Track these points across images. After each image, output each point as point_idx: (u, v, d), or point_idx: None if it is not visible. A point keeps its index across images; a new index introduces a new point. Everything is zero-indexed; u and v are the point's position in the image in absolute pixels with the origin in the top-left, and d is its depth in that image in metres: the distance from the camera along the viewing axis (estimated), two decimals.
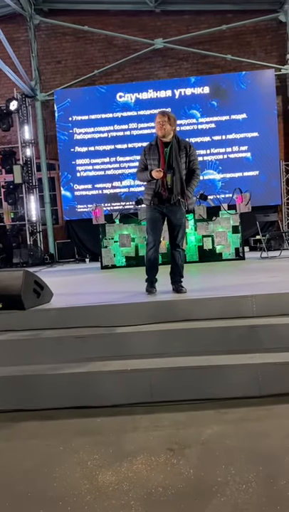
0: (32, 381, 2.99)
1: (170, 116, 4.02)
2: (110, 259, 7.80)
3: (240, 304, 3.51)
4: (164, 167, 3.97)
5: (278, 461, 2.08)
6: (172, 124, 4.03)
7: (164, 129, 4.00)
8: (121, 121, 10.65)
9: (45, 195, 11.23)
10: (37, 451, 2.37)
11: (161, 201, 4.05)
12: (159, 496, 1.87)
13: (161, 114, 4.05)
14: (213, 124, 10.53)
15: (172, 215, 4.06)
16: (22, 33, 11.13)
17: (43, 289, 3.88)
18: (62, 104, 10.77)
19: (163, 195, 4.01)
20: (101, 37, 10.95)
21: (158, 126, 4.04)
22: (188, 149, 4.07)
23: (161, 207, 4.07)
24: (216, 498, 1.83)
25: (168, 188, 4.01)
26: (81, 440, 2.44)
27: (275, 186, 10.52)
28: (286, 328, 3.25)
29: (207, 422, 2.55)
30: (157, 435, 2.43)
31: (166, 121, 3.99)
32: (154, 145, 4.09)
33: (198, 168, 4.14)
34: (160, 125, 4.01)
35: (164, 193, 4.00)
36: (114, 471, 2.10)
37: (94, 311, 3.61)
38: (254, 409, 2.69)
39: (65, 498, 1.92)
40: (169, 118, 4.01)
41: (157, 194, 4.03)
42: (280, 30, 10.66)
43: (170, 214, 4.06)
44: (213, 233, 7.62)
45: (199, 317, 3.46)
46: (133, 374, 2.91)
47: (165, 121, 3.99)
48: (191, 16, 10.79)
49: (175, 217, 4.05)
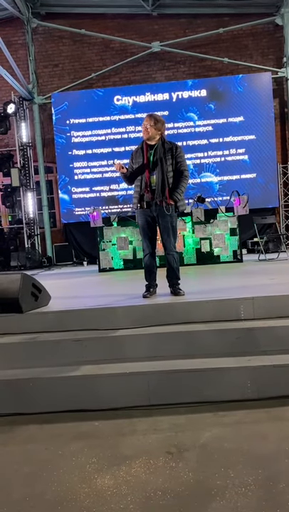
0: (30, 385, 2.98)
1: (157, 120, 4.05)
2: (108, 262, 7.79)
3: (237, 306, 3.51)
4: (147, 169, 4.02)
5: (277, 463, 2.08)
6: (159, 127, 4.04)
7: (149, 132, 4.04)
8: (118, 124, 10.67)
9: (42, 198, 11.22)
10: (35, 455, 2.36)
11: (148, 204, 4.06)
12: (158, 499, 1.87)
13: (148, 117, 4.09)
14: (210, 127, 10.55)
15: (161, 218, 4.07)
16: (19, 37, 11.14)
17: (40, 292, 3.88)
18: (59, 108, 10.78)
19: (146, 196, 4.02)
20: (98, 40, 10.97)
21: (143, 129, 4.09)
22: (175, 151, 4.08)
23: (150, 210, 4.08)
24: (216, 501, 1.82)
25: (151, 190, 4.02)
26: (79, 444, 2.43)
27: (273, 189, 10.55)
28: (284, 330, 3.25)
29: (205, 424, 2.55)
30: (156, 438, 2.42)
31: (151, 124, 4.02)
32: (140, 148, 4.14)
33: (186, 170, 4.13)
34: (145, 128, 4.07)
35: (147, 194, 4.02)
36: (112, 474, 2.09)
37: (92, 314, 3.61)
38: (252, 412, 2.68)
39: (64, 502, 1.91)
40: (156, 121, 4.03)
41: (143, 197, 4.05)
42: (277, 34, 10.70)
43: (159, 216, 4.08)
44: (210, 236, 7.62)
45: (197, 319, 3.46)
46: (131, 377, 2.91)
47: (150, 125, 4.02)
48: (188, 20, 10.82)
49: (164, 219, 4.06)
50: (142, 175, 4.09)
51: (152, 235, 4.19)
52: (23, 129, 10.79)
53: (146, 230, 4.16)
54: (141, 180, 4.09)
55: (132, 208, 4.34)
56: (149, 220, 4.13)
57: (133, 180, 4.18)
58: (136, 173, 4.12)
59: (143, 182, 4.06)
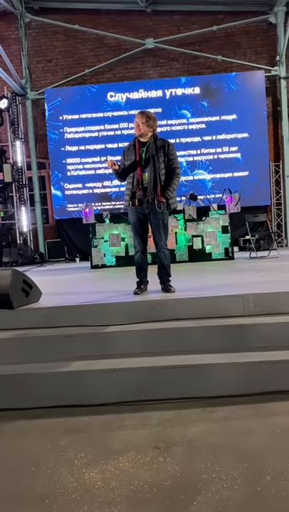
0: (20, 380, 2.98)
1: (149, 117, 4.05)
2: (100, 258, 7.80)
3: (227, 303, 3.55)
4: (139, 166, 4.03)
5: (263, 458, 2.11)
6: (151, 124, 4.05)
7: (141, 129, 4.04)
8: (112, 120, 10.65)
9: (35, 194, 11.18)
10: (24, 450, 2.38)
11: (140, 201, 4.07)
12: (145, 493, 1.89)
13: (140, 114, 4.08)
14: (203, 125, 10.57)
15: (152, 215, 4.08)
16: (12, 31, 11.07)
17: (31, 288, 3.88)
18: (52, 103, 10.74)
19: (138, 193, 4.04)
20: (92, 36, 10.93)
21: (135, 126, 4.09)
22: (167, 148, 4.09)
23: (142, 207, 4.09)
24: (201, 494, 1.85)
25: (143, 187, 4.04)
26: (68, 439, 2.45)
27: (265, 187, 10.60)
28: (273, 327, 3.29)
29: (194, 420, 2.57)
30: (144, 433, 2.44)
31: (143, 122, 4.02)
32: (132, 145, 4.15)
33: (179, 167, 4.14)
34: (137, 125, 4.06)
35: (139, 191, 4.04)
36: (100, 469, 2.11)
37: (82, 311, 3.62)
38: (241, 408, 2.71)
39: (52, 496, 1.93)
40: (148, 118, 4.03)
41: (135, 194, 4.06)
42: (270, 32, 10.74)
43: (150, 214, 4.09)
44: (202, 233, 7.66)
45: (187, 316, 3.49)
46: (121, 373, 2.93)
47: (142, 122, 4.02)
48: (182, 17, 10.82)
49: (155, 216, 4.07)
50: (133, 172, 4.09)
51: (144, 232, 4.21)
52: (15, 124, 10.73)
53: (138, 227, 4.18)
54: (133, 177, 4.10)
55: (124, 205, 4.35)
56: (141, 217, 4.14)
57: (125, 177, 4.19)
58: (128, 169, 4.13)
59: (135, 179, 4.07)
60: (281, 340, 3.17)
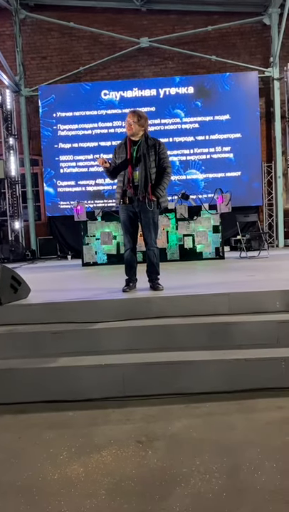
0: (6, 375, 3.01)
1: (141, 116, 4.08)
2: (92, 256, 7.83)
3: (214, 301, 3.59)
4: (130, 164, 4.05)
5: (242, 452, 2.15)
6: (142, 123, 4.08)
7: (132, 128, 4.07)
8: (105, 118, 10.66)
9: (27, 191, 11.17)
10: (8, 444, 2.41)
11: (131, 200, 4.10)
12: (126, 485, 1.93)
13: (131, 113, 4.11)
14: (196, 124, 10.61)
15: (143, 213, 4.11)
16: (7, 28, 11.03)
17: (20, 284, 3.90)
18: (46, 100, 10.73)
19: (129, 192, 4.07)
20: (87, 34, 10.93)
21: (127, 125, 4.11)
22: (158, 147, 4.12)
23: (132, 205, 4.12)
24: (180, 487, 1.89)
25: (134, 186, 4.07)
26: (53, 433, 2.48)
27: (257, 187, 10.67)
28: (259, 325, 3.34)
29: (177, 415, 2.62)
30: (127, 428, 2.48)
31: (135, 121, 4.05)
32: (123, 144, 4.18)
33: (169, 167, 4.17)
34: (128, 124, 4.09)
35: (129, 190, 4.06)
36: (83, 462, 2.15)
37: (70, 307, 3.65)
38: (224, 404, 2.76)
39: (34, 488, 1.96)
40: (140, 118, 4.06)
41: (126, 192, 4.09)
42: (264, 33, 10.80)
43: (141, 212, 4.12)
44: (193, 232, 7.70)
45: (174, 314, 3.53)
46: (106, 369, 2.96)
47: (134, 121, 4.05)
48: (177, 16, 10.85)
49: (145, 215, 4.11)
50: (124, 170, 4.13)
51: (134, 231, 4.24)
52: (9, 120, 10.71)
53: (128, 225, 4.21)
54: (124, 175, 4.13)
55: (115, 203, 4.38)
56: (131, 215, 4.17)
57: (116, 175, 4.22)
58: (118, 168, 4.16)
59: (126, 177, 4.11)
60: (265, 338, 3.22)
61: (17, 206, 10.78)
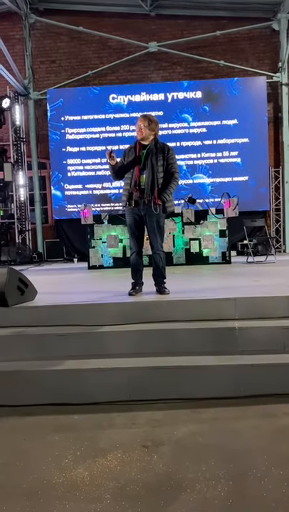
0: (13, 377, 3.02)
1: (151, 120, 4.09)
2: (98, 259, 7.84)
3: (220, 306, 3.58)
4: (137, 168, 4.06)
5: (248, 459, 2.14)
6: (153, 128, 4.08)
7: (142, 132, 4.08)
8: (113, 122, 10.70)
9: (35, 194, 11.22)
10: (14, 446, 2.41)
11: (136, 203, 4.10)
12: (130, 490, 1.92)
13: (142, 117, 4.12)
14: (204, 129, 10.62)
15: (148, 217, 4.11)
16: (17, 32, 11.13)
17: (27, 286, 3.91)
18: (54, 104, 10.79)
19: (135, 195, 4.07)
20: (96, 38, 10.99)
21: (137, 129, 4.13)
22: (167, 152, 4.12)
23: (138, 209, 4.12)
24: (186, 493, 1.88)
25: (140, 189, 4.07)
26: (58, 436, 2.48)
27: (264, 192, 10.64)
28: (265, 331, 3.32)
29: (182, 420, 2.61)
30: (133, 433, 2.48)
31: (145, 125, 4.06)
32: (133, 147, 4.19)
33: (177, 172, 4.17)
34: (138, 128, 4.10)
35: (136, 193, 4.07)
36: (88, 466, 2.14)
37: (77, 310, 3.65)
38: (230, 410, 2.75)
39: (39, 491, 1.96)
40: (150, 122, 4.07)
41: (132, 195, 4.10)
42: (273, 39, 10.80)
43: (146, 216, 4.12)
44: (200, 236, 7.69)
45: (180, 318, 3.52)
46: (112, 372, 2.96)
47: (144, 125, 4.06)
48: (185, 21, 10.88)
49: (151, 219, 4.10)
50: (132, 173, 4.13)
51: (139, 234, 4.24)
52: (17, 124, 10.78)
53: (134, 229, 4.21)
54: (131, 178, 4.14)
55: (121, 206, 4.38)
56: (137, 218, 4.18)
57: (119, 175, 4.23)
58: (124, 168, 4.17)
59: (133, 180, 4.11)
60: (271, 344, 3.20)
61: (24, 209, 10.84)
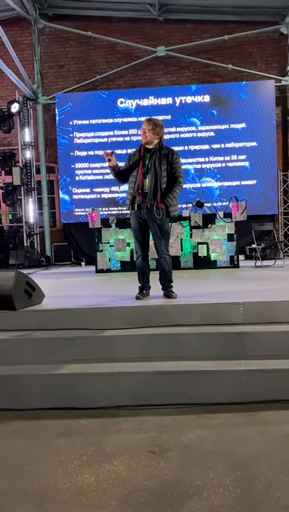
0: (19, 381, 3.01)
1: (156, 124, 4.07)
2: (105, 263, 7.83)
3: (228, 310, 3.55)
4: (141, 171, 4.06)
5: (256, 466, 2.11)
6: (157, 131, 4.07)
7: (147, 136, 4.07)
8: (121, 126, 10.72)
9: (43, 198, 11.27)
10: (20, 450, 2.40)
11: (139, 207, 4.09)
12: (137, 496, 1.90)
13: (147, 121, 4.11)
14: (212, 133, 10.60)
15: (151, 221, 4.09)
16: (26, 37, 11.22)
17: (34, 290, 3.91)
18: (63, 108, 10.84)
19: (138, 199, 4.06)
20: (104, 43, 11.04)
21: (142, 132, 4.13)
22: (171, 157, 4.10)
23: (140, 213, 4.11)
24: (193, 499, 1.86)
25: (143, 193, 4.06)
26: (64, 440, 2.46)
27: (272, 196, 10.58)
28: (273, 336, 3.29)
29: (190, 426, 2.58)
30: (139, 438, 2.46)
31: (150, 128, 4.05)
32: (138, 151, 4.19)
33: (181, 176, 4.13)
34: (143, 132, 4.10)
35: (138, 196, 4.06)
36: (94, 471, 2.13)
37: (84, 314, 3.64)
38: (237, 415, 2.72)
39: (45, 496, 1.94)
40: (155, 126, 4.06)
41: (135, 199, 4.09)
42: (282, 42, 10.77)
43: (150, 220, 4.10)
44: (208, 240, 7.66)
45: (187, 322, 3.49)
46: (119, 377, 2.95)
47: (149, 129, 4.05)
48: (193, 25, 10.89)
49: (153, 223, 4.08)
50: (135, 177, 4.13)
51: (144, 237, 4.22)
52: (26, 128, 10.86)
53: (138, 232, 4.20)
54: (134, 182, 4.13)
55: (126, 209, 4.38)
56: (141, 222, 4.16)
57: (121, 177, 4.25)
58: (126, 171, 4.17)
59: (136, 184, 4.09)
60: (279, 349, 3.16)
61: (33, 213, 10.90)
